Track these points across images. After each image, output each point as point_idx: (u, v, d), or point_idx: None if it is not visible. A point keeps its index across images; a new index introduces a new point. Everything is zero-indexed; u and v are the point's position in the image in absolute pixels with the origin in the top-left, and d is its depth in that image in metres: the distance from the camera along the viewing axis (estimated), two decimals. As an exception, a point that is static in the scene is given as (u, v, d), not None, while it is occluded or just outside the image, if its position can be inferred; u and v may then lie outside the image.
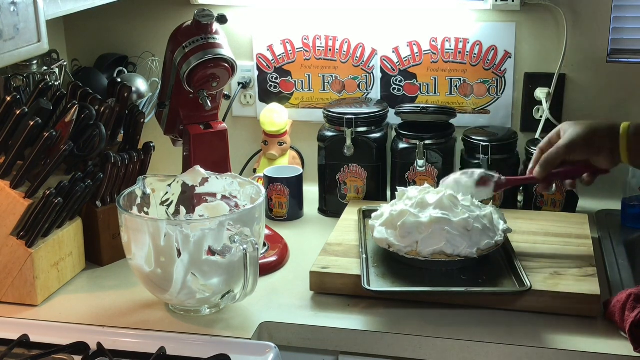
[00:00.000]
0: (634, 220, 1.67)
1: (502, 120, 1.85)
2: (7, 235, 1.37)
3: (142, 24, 1.98)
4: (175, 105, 1.59)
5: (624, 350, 1.22)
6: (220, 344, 1.25)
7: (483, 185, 1.47)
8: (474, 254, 1.38)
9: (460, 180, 1.47)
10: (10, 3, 1.05)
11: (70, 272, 1.49)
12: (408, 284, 1.38)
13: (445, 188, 1.47)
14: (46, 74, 1.70)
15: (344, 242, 1.53)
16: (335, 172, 1.76)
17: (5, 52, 1.06)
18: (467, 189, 1.47)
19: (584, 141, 1.36)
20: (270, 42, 1.91)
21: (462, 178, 1.47)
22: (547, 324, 1.30)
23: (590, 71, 1.78)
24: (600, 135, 1.36)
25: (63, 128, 1.39)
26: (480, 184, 1.47)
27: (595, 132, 1.37)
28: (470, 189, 1.47)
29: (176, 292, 1.29)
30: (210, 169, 1.45)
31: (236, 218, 1.28)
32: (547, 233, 1.55)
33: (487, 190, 1.47)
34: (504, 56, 1.81)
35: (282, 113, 1.90)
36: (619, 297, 1.28)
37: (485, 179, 1.46)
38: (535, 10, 1.76)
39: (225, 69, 1.51)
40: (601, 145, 1.36)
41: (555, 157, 1.39)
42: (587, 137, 1.36)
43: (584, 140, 1.36)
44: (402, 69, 1.87)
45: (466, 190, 1.46)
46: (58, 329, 1.31)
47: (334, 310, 1.36)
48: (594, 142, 1.36)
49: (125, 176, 1.54)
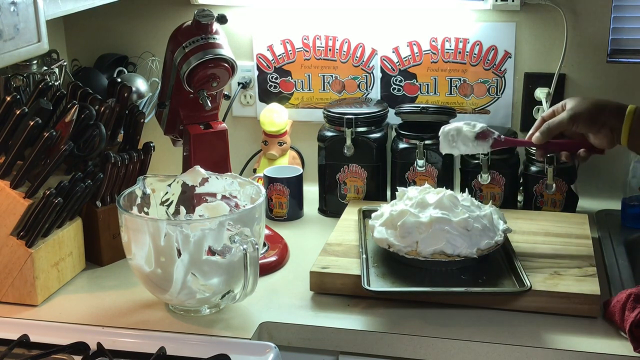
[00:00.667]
0: (634, 220, 1.67)
1: (502, 120, 1.85)
2: (7, 235, 1.37)
3: (142, 24, 1.98)
4: (175, 105, 1.59)
5: (624, 350, 1.22)
6: (220, 344, 1.25)
7: (482, 139, 1.47)
8: (474, 254, 1.38)
9: (461, 129, 1.47)
10: (10, 3, 1.05)
11: (70, 272, 1.49)
12: (408, 284, 1.38)
13: (446, 134, 1.47)
14: (46, 74, 1.70)
15: (344, 242, 1.53)
16: (335, 172, 1.76)
17: (5, 52, 1.06)
18: (466, 138, 1.47)
19: (588, 115, 1.37)
20: (270, 42, 1.91)
21: (464, 127, 1.48)
22: (547, 324, 1.30)
23: (590, 71, 1.78)
24: (606, 112, 1.37)
25: (63, 128, 1.39)
26: (480, 137, 1.47)
27: (602, 108, 1.38)
28: (469, 140, 1.47)
29: (176, 292, 1.29)
30: (210, 169, 1.45)
31: (236, 218, 1.28)
32: (547, 233, 1.55)
33: (484, 145, 1.48)
34: (504, 56, 1.81)
35: (282, 113, 1.90)
36: (619, 297, 1.28)
37: (486, 134, 1.47)
38: (535, 10, 1.76)
39: (225, 69, 1.51)
40: (604, 122, 1.37)
41: (557, 126, 1.40)
42: (592, 112, 1.38)
43: (589, 114, 1.37)
44: (402, 69, 1.87)
45: (465, 140, 1.47)
46: (58, 329, 1.31)
47: (334, 310, 1.36)
48: (598, 117, 1.37)
49: (125, 176, 1.54)
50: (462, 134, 1.47)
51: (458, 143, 1.47)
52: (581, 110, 1.38)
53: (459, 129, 1.47)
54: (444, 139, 1.49)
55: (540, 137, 1.42)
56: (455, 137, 1.47)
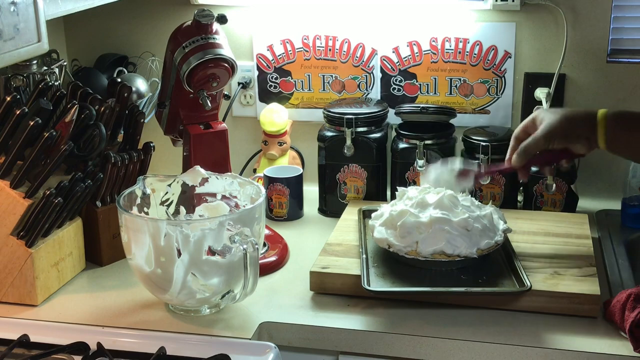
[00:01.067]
0: (634, 220, 1.67)
1: (502, 120, 1.85)
2: (7, 235, 1.37)
3: (142, 24, 1.98)
4: (175, 105, 1.59)
5: (624, 350, 1.22)
6: (220, 344, 1.25)
7: (463, 177, 1.48)
8: (474, 254, 1.38)
9: (440, 178, 1.49)
10: (10, 3, 1.05)
11: (70, 272, 1.49)
12: (408, 284, 1.38)
13: (432, 182, 1.49)
14: (46, 74, 1.70)
15: (344, 242, 1.53)
16: (335, 172, 1.76)
17: (5, 52, 1.06)
18: (448, 184, 1.48)
19: (561, 130, 1.36)
20: (270, 42, 1.91)
21: (443, 174, 1.49)
22: (547, 324, 1.30)
23: (590, 71, 1.78)
24: (578, 123, 1.36)
25: (63, 128, 1.39)
26: (461, 177, 1.48)
27: (572, 120, 1.37)
28: (451, 184, 1.48)
29: (176, 292, 1.29)
30: (210, 169, 1.45)
31: (236, 218, 1.28)
32: (547, 233, 1.55)
33: (467, 182, 1.49)
34: (504, 56, 1.81)
35: (282, 113, 1.90)
36: (619, 297, 1.28)
37: (465, 172, 1.48)
38: (535, 10, 1.76)
39: (225, 69, 1.51)
40: (579, 134, 1.36)
41: (533, 148, 1.39)
42: (565, 126, 1.36)
43: (562, 129, 1.36)
44: (402, 69, 1.87)
45: (447, 185, 1.47)
46: (58, 329, 1.31)
47: (334, 310, 1.36)
48: (571, 130, 1.36)
49: (125, 176, 1.54)
50: (443, 182, 1.48)
51: (440, 185, 1.48)
52: (554, 127, 1.36)
53: (438, 179, 1.49)
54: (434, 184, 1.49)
55: (518, 160, 1.40)
56: (438, 186, 1.48)
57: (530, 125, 1.41)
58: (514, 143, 1.43)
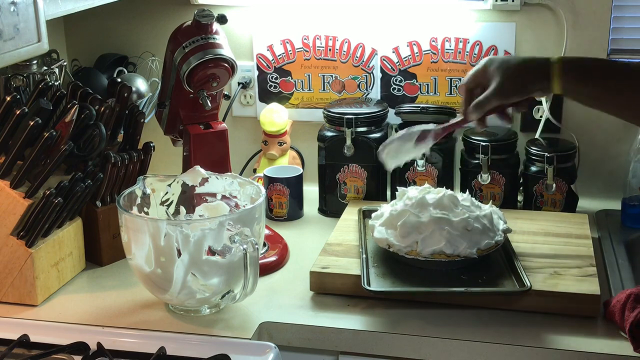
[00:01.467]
0: (634, 220, 1.67)
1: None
2: (7, 235, 1.37)
3: (142, 24, 1.98)
4: (175, 105, 1.59)
5: (624, 350, 1.22)
6: (220, 344, 1.25)
7: (422, 141, 1.42)
8: (474, 254, 1.38)
9: (400, 149, 1.43)
10: (10, 3, 1.05)
11: (70, 272, 1.49)
12: (408, 284, 1.38)
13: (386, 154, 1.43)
14: (46, 74, 1.70)
15: (344, 242, 1.53)
16: (335, 172, 1.76)
17: (5, 52, 1.06)
18: (408, 152, 1.43)
19: (514, 87, 1.30)
20: (270, 42, 1.91)
21: (402, 145, 1.42)
22: (547, 324, 1.30)
23: (590, 71, 1.78)
24: (531, 76, 1.29)
25: (63, 128, 1.39)
26: (419, 141, 1.42)
27: (525, 74, 1.29)
28: (411, 152, 1.43)
29: (176, 292, 1.29)
30: (210, 169, 1.45)
31: (236, 218, 1.28)
32: (547, 233, 1.55)
33: (426, 144, 1.42)
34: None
35: (282, 113, 1.90)
36: (619, 297, 1.28)
37: (423, 134, 1.41)
38: (535, 10, 1.76)
39: (225, 69, 1.51)
40: (533, 87, 1.29)
41: (487, 104, 1.31)
42: (518, 82, 1.29)
43: (514, 85, 1.29)
44: (402, 69, 1.87)
45: (407, 154, 1.43)
46: (58, 329, 1.31)
47: (334, 310, 1.36)
48: (524, 85, 1.29)
49: (125, 176, 1.54)
50: (403, 152, 1.42)
51: (400, 156, 1.44)
52: (506, 84, 1.29)
53: (398, 150, 1.42)
54: (387, 159, 1.44)
55: (473, 116, 1.34)
56: (399, 157, 1.43)
57: (481, 74, 1.33)
58: (466, 95, 1.36)
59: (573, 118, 1.79)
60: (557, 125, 1.78)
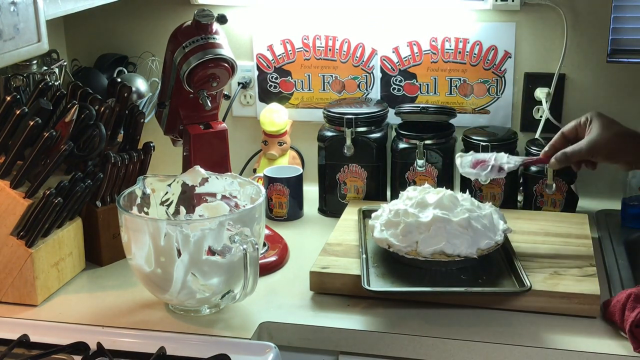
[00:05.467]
0: (634, 220, 1.67)
1: (502, 120, 1.85)
2: (7, 235, 1.37)
3: (142, 24, 1.98)
4: (175, 105, 1.59)
5: (624, 350, 1.22)
6: (220, 344, 1.25)
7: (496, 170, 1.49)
8: (474, 254, 1.38)
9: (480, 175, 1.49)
10: (10, 3, 1.05)
11: (70, 272, 1.49)
12: (408, 284, 1.38)
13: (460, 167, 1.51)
14: (46, 74, 1.70)
15: (344, 242, 1.53)
16: (335, 172, 1.76)
17: (5, 52, 1.06)
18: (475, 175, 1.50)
19: (607, 149, 1.35)
20: (270, 42, 1.91)
21: (480, 174, 1.49)
22: (547, 324, 1.30)
23: (590, 71, 1.78)
24: (627, 147, 1.35)
25: (63, 128, 1.39)
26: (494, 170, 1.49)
27: (622, 142, 1.35)
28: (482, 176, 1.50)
29: (176, 292, 1.29)
30: (210, 169, 1.45)
31: (236, 218, 1.28)
32: (547, 233, 1.55)
33: (499, 175, 1.50)
34: (504, 56, 1.81)
35: (282, 113, 1.90)
36: (619, 297, 1.28)
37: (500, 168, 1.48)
38: (535, 10, 1.76)
39: (225, 69, 1.51)
40: (624, 157, 1.35)
41: (574, 158, 1.38)
42: (612, 147, 1.35)
43: (608, 149, 1.35)
44: (402, 69, 1.87)
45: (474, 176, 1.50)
46: (58, 329, 1.31)
47: (334, 310, 1.36)
48: (618, 153, 1.36)
49: (125, 176, 1.54)
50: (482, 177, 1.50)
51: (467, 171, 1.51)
52: (601, 143, 1.35)
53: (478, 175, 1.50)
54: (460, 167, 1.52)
55: (556, 164, 1.41)
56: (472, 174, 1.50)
57: (582, 126, 1.40)
58: (559, 138, 1.42)
59: (573, 118, 1.78)
60: (557, 125, 1.78)
